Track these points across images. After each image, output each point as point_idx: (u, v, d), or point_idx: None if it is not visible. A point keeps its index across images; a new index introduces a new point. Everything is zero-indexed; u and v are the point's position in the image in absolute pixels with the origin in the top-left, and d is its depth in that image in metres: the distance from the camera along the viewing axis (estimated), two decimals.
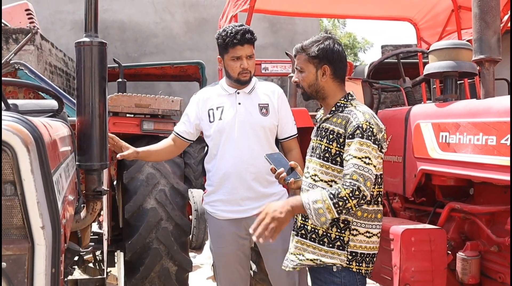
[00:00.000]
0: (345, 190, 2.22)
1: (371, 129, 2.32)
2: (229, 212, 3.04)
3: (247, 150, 2.98)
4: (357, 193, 2.22)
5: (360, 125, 2.32)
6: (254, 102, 3.05)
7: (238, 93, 3.06)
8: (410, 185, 2.97)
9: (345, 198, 2.21)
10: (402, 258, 2.48)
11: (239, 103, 3.03)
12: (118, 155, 3.00)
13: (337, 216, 2.25)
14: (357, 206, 2.24)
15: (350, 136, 2.33)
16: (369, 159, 2.28)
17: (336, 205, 2.21)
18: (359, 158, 2.27)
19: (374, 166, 2.30)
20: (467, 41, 3.73)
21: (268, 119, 3.03)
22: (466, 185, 2.74)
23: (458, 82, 3.77)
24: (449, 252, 2.65)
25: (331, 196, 2.22)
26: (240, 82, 3.01)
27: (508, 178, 2.19)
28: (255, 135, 3.00)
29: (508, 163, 2.18)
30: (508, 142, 2.20)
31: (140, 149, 3.05)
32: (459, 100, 2.83)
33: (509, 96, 2.34)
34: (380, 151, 2.37)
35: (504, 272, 2.43)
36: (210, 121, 3.05)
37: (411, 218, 3.09)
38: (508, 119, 2.21)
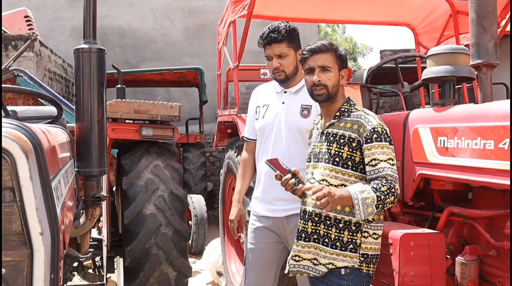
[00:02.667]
0: (383, 186, 2.31)
1: (385, 131, 2.42)
2: (262, 209, 3.06)
3: (283, 150, 2.97)
4: (393, 190, 2.32)
5: (376, 129, 2.40)
6: (297, 102, 3.02)
7: (285, 92, 3.06)
8: (408, 190, 2.97)
9: (385, 192, 2.31)
10: (401, 262, 2.48)
11: (283, 103, 3.04)
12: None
13: (375, 210, 2.32)
14: (391, 204, 2.34)
15: (369, 140, 2.40)
16: (392, 160, 2.39)
17: (378, 198, 2.30)
18: (385, 161, 2.37)
19: (396, 166, 2.41)
20: (465, 45, 3.74)
21: (308, 121, 2.96)
22: (464, 189, 2.74)
23: (456, 86, 3.78)
24: (448, 257, 2.65)
25: (374, 189, 2.31)
26: (277, 81, 3.06)
27: (507, 182, 2.19)
28: (291, 135, 2.98)
29: (506, 167, 2.19)
30: (506, 146, 2.20)
31: (243, 191, 3.23)
32: (457, 105, 2.84)
33: (507, 100, 2.34)
34: None
35: (503, 276, 2.43)
36: (256, 119, 3.13)
37: (410, 222, 3.08)
38: (506, 123, 2.22)
